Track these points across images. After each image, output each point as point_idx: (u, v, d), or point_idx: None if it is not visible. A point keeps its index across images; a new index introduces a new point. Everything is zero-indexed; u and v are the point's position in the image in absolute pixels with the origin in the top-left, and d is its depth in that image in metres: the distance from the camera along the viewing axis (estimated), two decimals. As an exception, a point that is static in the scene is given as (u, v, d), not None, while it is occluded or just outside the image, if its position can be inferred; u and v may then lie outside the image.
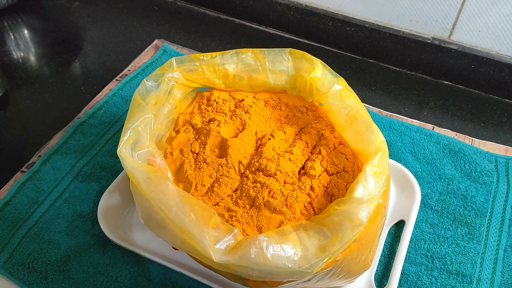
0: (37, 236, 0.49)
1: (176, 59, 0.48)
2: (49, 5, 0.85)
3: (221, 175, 0.43)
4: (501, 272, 0.48)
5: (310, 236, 0.37)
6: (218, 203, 0.42)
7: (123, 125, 0.60)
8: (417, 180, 0.53)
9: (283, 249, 0.35)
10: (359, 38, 0.73)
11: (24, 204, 0.52)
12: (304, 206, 0.41)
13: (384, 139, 0.42)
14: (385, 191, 0.41)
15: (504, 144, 0.60)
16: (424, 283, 0.46)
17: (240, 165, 0.44)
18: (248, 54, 0.49)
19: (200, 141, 0.46)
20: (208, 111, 0.49)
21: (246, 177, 0.43)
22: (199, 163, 0.44)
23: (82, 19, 0.81)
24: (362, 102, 0.47)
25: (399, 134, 0.60)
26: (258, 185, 0.42)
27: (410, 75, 0.71)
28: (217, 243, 0.36)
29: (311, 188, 0.42)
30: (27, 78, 0.70)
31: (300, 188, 0.42)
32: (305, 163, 0.45)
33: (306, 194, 0.42)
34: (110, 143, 0.59)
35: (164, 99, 0.47)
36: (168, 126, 0.48)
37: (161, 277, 0.46)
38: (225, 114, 0.49)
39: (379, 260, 0.48)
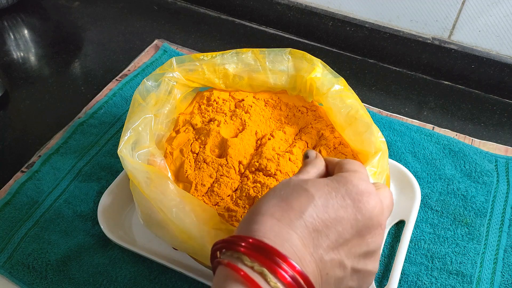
0: (37, 236, 0.49)
1: (176, 59, 0.48)
2: (49, 5, 0.85)
3: (221, 175, 0.43)
4: (501, 272, 0.47)
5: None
6: (218, 203, 0.42)
7: (123, 125, 0.60)
8: (417, 180, 0.53)
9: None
10: (359, 38, 0.73)
11: (24, 204, 0.52)
12: (304, 206, 0.41)
13: (384, 139, 0.42)
14: (385, 191, 0.41)
15: (504, 144, 0.60)
16: (424, 283, 0.46)
17: (240, 165, 0.44)
18: (248, 54, 0.49)
19: (200, 141, 0.46)
20: (208, 111, 0.49)
21: (246, 177, 0.43)
22: (199, 163, 0.44)
23: (82, 19, 0.81)
24: (362, 102, 0.47)
25: (399, 134, 0.60)
26: (258, 185, 0.42)
27: (410, 75, 0.71)
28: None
29: (311, 188, 0.42)
30: (27, 78, 0.70)
31: (300, 188, 0.42)
32: (305, 163, 0.45)
33: (306, 194, 0.42)
34: (110, 143, 0.59)
35: (164, 99, 0.47)
36: (168, 126, 0.48)
37: (161, 277, 0.46)
38: (225, 114, 0.49)
39: (379, 260, 0.48)
